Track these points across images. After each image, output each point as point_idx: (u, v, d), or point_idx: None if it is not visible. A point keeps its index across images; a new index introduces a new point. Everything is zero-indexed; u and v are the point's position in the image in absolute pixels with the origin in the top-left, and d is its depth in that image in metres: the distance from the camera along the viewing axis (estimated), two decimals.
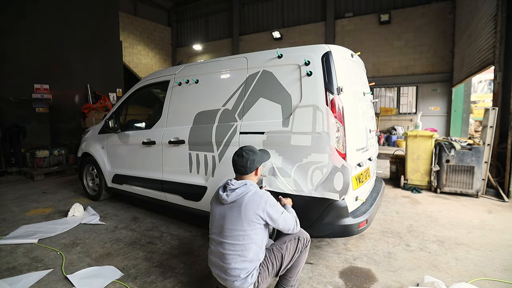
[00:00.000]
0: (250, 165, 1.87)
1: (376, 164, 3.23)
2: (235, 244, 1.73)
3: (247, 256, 1.73)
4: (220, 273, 1.79)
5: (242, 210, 1.73)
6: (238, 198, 1.77)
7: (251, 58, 2.68)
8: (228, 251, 1.74)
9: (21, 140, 6.67)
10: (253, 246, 1.75)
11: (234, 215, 1.75)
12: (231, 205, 1.78)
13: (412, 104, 10.71)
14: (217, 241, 1.81)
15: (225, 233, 1.76)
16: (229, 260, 1.74)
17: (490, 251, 2.70)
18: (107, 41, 8.84)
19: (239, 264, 1.72)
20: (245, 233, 1.73)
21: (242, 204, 1.74)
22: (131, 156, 3.68)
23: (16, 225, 3.44)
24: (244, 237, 1.73)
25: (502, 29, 4.83)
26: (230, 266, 1.73)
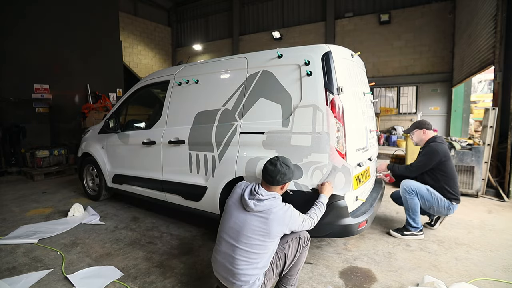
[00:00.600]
0: (280, 178, 1.83)
1: (376, 164, 3.23)
2: (249, 252, 1.71)
3: (259, 264, 1.73)
4: (226, 275, 1.76)
5: (268, 224, 1.72)
6: (265, 210, 1.74)
7: (251, 58, 2.68)
8: (240, 257, 1.71)
9: (21, 140, 6.67)
10: (267, 256, 1.75)
11: (256, 226, 1.72)
12: (255, 214, 1.74)
13: (412, 104, 10.72)
14: (229, 244, 1.76)
15: (241, 239, 1.72)
16: (240, 266, 1.70)
17: (490, 251, 2.70)
18: (107, 41, 8.84)
19: (250, 271, 1.70)
20: (264, 243, 1.72)
21: (268, 218, 1.72)
22: (131, 156, 3.68)
23: (16, 225, 3.44)
24: (261, 247, 1.72)
25: (502, 29, 4.83)
26: (240, 272, 1.70)
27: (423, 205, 2.99)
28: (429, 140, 3.09)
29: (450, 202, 2.94)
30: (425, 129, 3.12)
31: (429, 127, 3.14)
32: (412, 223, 2.97)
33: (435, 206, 2.95)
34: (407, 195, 2.97)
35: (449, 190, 2.94)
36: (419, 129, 3.15)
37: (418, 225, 2.97)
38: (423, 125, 3.14)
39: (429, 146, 3.01)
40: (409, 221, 2.98)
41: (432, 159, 2.93)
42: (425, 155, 2.99)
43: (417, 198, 2.95)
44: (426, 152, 3.00)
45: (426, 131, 3.12)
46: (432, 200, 2.94)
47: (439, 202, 2.94)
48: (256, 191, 1.80)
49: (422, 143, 3.16)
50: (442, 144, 3.00)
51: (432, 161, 2.94)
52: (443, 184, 2.95)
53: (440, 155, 2.92)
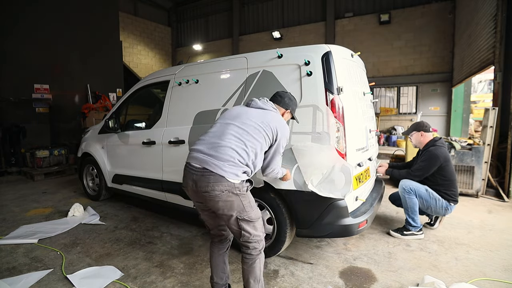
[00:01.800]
0: (287, 101, 1.98)
1: (376, 164, 3.23)
2: (243, 131, 1.72)
3: (248, 148, 1.70)
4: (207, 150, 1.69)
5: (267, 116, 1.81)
6: (266, 109, 1.87)
7: (251, 58, 2.68)
8: (232, 131, 1.72)
9: (21, 140, 6.66)
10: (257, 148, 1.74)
11: (256, 114, 1.81)
12: (256, 110, 1.86)
13: (412, 104, 10.72)
14: (222, 124, 1.80)
15: (239, 119, 1.78)
16: (227, 139, 1.69)
17: (490, 251, 2.70)
18: (107, 41, 8.83)
19: (237, 147, 1.68)
20: (259, 131, 1.75)
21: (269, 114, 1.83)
22: (131, 156, 3.68)
23: (16, 225, 3.44)
24: (256, 132, 1.74)
25: (502, 29, 4.83)
26: (227, 143, 1.67)
27: (421, 205, 2.99)
28: (428, 144, 3.07)
29: (448, 203, 2.96)
30: (423, 131, 3.10)
31: (427, 129, 3.12)
32: (411, 223, 2.97)
33: (433, 206, 2.97)
34: (406, 194, 2.97)
35: (448, 192, 2.96)
36: (417, 131, 3.13)
37: (417, 225, 2.97)
38: (420, 127, 3.12)
39: (428, 151, 2.98)
40: (409, 221, 2.98)
41: (432, 165, 2.92)
42: (426, 161, 2.96)
43: (416, 197, 2.96)
44: (427, 158, 2.96)
45: (424, 133, 3.10)
46: (430, 200, 2.96)
47: (437, 202, 2.95)
48: (261, 99, 1.94)
49: (421, 145, 3.15)
50: (442, 148, 2.97)
51: (432, 167, 2.92)
52: (442, 186, 2.97)
53: (440, 160, 2.91)
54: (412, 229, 2.99)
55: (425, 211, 3.09)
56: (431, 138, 3.10)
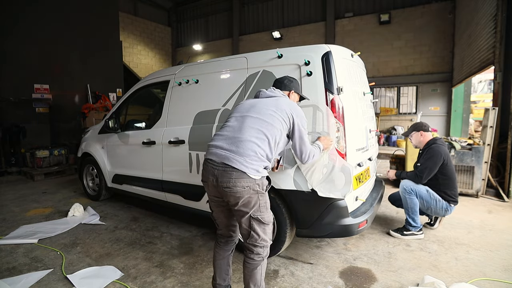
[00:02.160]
0: (287, 82, 2.02)
1: (376, 164, 3.23)
2: (260, 120, 1.71)
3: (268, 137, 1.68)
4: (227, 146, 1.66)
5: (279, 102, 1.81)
6: (276, 96, 1.89)
7: (251, 58, 2.68)
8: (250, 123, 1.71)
9: (21, 140, 6.67)
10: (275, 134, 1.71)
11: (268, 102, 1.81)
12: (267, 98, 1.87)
13: (412, 104, 10.72)
14: (238, 117, 1.78)
15: (254, 110, 1.77)
16: (247, 132, 1.68)
17: (490, 251, 2.70)
18: (107, 41, 8.84)
19: (257, 139, 1.66)
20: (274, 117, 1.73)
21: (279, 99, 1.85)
22: (131, 156, 3.68)
23: (16, 225, 3.44)
24: (272, 118, 1.73)
25: (502, 29, 4.83)
26: (247, 137, 1.66)
27: (422, 206, 3.00)
28: (429, 142, 3.07)
29: (448, 204, 2.96)
30: (423, 131, 3.11)
31: (426, 129, 3.13)
32: (412, 223, 2.97)
33: (433, 207, 2.97)
34: (406, 195, 2.97)
35: (448, 193, 2.96)
36: (416, 131, 3.14)
37: (417, 225, 2.98)
38: (420, 127, 3.13)
39: (431, 148, 2.98)
40: (409, 221, 2.98)
41: (436, 163, 2.92)
42: (429, 159, 2.95)
43: (416, 198, 2.96)
44: (430, 156, 2.95)
45: (423, 133, 3.11)
46: (431, 201, 2.96)
47: (437, 203, 2.96)
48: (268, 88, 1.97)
49: (421, 145, 3.16)
50: (443, 146, 2.99)
51: (437, 165, 2.92)
52: (443, 186, 2.97)
53: (443, 157, 2.92)
54: (412, 229, 2.99)
55: (425, 212, 3.09)
56: (430, 137, 3.11)
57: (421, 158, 3.10)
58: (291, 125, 1.80)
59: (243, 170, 1.60)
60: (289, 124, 1.79)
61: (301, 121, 1.82)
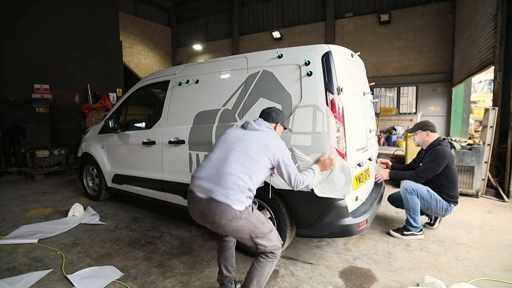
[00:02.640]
0: (275, 115, 2.03)
1: (376, 164, 3.23)
2: (245, 155, 1.73)
3: (251, 172, 1.71)
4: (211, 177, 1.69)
5: (266, 138, 1.84)
6: (262, 130, 1.89)
7: (251, 58, 2.68)
8: (233, 157, 1.72)
9: (21, 140, 6.66)
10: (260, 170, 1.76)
11: (255, 137, 1.83)
12: (253, 131, 1.88)
13: (412, 104, 10.71)
14: (223, 148, 1.81)
15: (240, 143, 1.79)
16: (232, 166, 1.69)
17: (490, 251, 2.70)
18: (107, 41, 8.83)
19: (240, 173, 1.68)
20: (255, 160, 1.75)
21: (267, 135, 1.86)
22: (131, 156, 3.68)
23: (16, 225, 3.44)
24: (258, 155, 1.76)
25: (502, 29, 4.83)
26: (230, 170, 1.68)
27: (422, 206, 2.99)
28: (434, 143, 3.04)
29: (449, 204, 2.96)
30: (429, 131, 3.06)
31: (433, 129, 3.07)
32: (412, 223, 2.97)
33: (433, 207, 2.97)
34: (407, 195, 2.96)
35: (449, 194, 2.97)
36: (422, 130, 3.09)
37: (418, 225, 2.98)
38: (427, 127, 3.07)
39: (436, 150, 2.95)
40: (410, 221, 2.98)
41: (441, 165, 2.90)
42: (434, 161, 2.92)
43: (417, 198, 2.95)
44: (435, 158, 2.92)
45: (430, 133, 3.06)
46: (431, 201, 2.96)
47: (438, 203, 2.96)
48: (256, 120, 1.97)
49: (424, 145, 3.12)
50: (448, 148, 2.98)
51: (440, 167, 2.90)
52: (445, 188, 2.97)
53: (448, 160, 2.91)
54: (412, 229, 2.98)
55: (425, 212, 3.09)
56: (435, 138, 3.08)
57: (424, 158, 3.06)
58: (275, 162, 1.84)
59: (227, 203, 1.63)
60: (274, 160, 1.83)
61: (285, 155, 1.87)
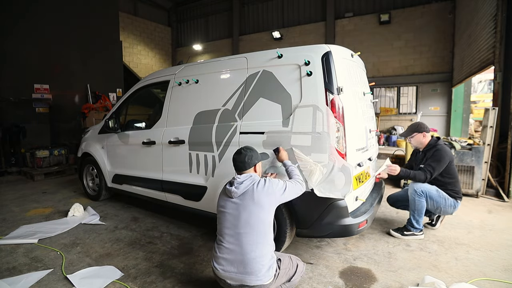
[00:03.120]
0: (248, 160, 2.00)
1: (376, 164, 3.23)
2: (252, 233, 1.80)
3: (265, 241, 1.82)
4: (237, 269, 1.79)
5: (255, 199, 1.84)
6: (247, 189, 1.88)
7: (251, 58, 2.68)
8: (247, 242, 1.78)
9: (21, 140, 6.67)
10: (269, 230, 1.87)
11: (247, 205, 1.84)
12: (241, 198, 1.87)
13: (412, 104, 10.71)
14: (232, 234, 1.84)
15: (241, 223, 1.82)
16: (249, 251, 1.77)
17: (490, 251, 2.70)
18: (107, 41, 8.83)
19: (259, 250, 1.78)
20: (261, 219, 1.83)
21: (254, 194, 1.85)
22: (131, 156, 3.68)
23: (16, 225, 3.44)
24: (260, 224, 1.82)
25: (502, 29, 4.83)
26: (251, 256, 1.76)
27: (431, 206, 2.99)
28: (432, 143, 3.06)
29: (455, 201, 2.99)
30: (425, 132, 3.07)
31: (428, 130, 3.11)
32: (415, 224, 2.97)
33: (442, 206, 2.98)
34: (416, 197, 2.94)
35: (455, 189, 3.00)
36: (418, 132, 3.08)
37: (420, 227, 2.98)
38: (423, 128, 3.09)
39: (438, 150, 2.96)
40: (412, 222, 2.98)
41: (443, 164, 2.92)
42: (437, 161, 2.93)
43: (425, 200, 2.94)
44: (438, 158, 2.93)
45: (426, 134, 3.08)
46: (441, 200, 2.96)
47: (446, 201, 2.97)
48: (234, 178, 1.96)
49: (422, 146, 3.12)
50: (446, 147, 3.03)
51: (443, 166, 2.93)
52: (450, 185, 3.00)
53: (449, 158, 2.95)
54: (413, 230, 2.99)
55: (434, 211, 3.08)
56: (430, 138, 3.12)
57: (427, 160, 3.02)
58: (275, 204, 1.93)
59: (260, 284, 1.76)
60: (274, 205, 1.92)
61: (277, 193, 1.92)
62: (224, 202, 1.94)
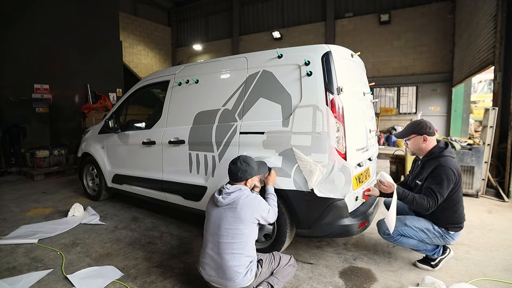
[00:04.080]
0: (241, 175, 2.01)
1: (376, 164, 3.23)
2: (231, 243, 1.86)
3: (243, 252, 1.87)
4: (217, 274, 1.88)
5: (237, 212, 1.89)
6: (233, 201, 1.92)
7: (251, 58, 2.68)
8: (225, 251, 1.86)
9: (21, 140, 6.66)
10: (249, 243, 1.91)
11: (230, 216, 1.90)
12: (226, 208, 1.92)
13: (412, 104, 10.72)
14: (213, 241, 1.92)
15: (221, 233, 1.89)
16: (227, 260, 1.83)
17: (490, 251, 2.70)
18: (107, 41, 8.83)
19: (237, 260, 1.84)
20: (241, 232, 1.87)
21: (237, 207, 1.90)
22: (131, 156, 3.68)
23: (16, 225, 3.44)
24: (240, 236, 1.87)
25: (502, 29, 4.83)
26: (228, 264, 1.83)
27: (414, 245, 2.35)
28: (434, 152, 2.27)
29: (446, 231, 2.27)
30: (426, 135, 2.29)
31: (431, 133, 2.30)
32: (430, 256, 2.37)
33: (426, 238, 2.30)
34: (390, 240, 2.36)
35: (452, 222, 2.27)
36: (417, 134, 2.33)
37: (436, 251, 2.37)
38: (423, 130, 2.30)
39: (439, 166, 2.18)
40: (427, 255, 2.39)
41: (448, 186, 2.15)
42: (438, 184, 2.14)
43: (403, 237, 2.32)
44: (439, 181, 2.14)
45: (427, 137, 2.29)
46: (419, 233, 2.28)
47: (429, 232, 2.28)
48: (223, 187, 2.00)
49: (421, 152, 2.37)
50: (454, 160, 2.24)
51: (448, 188, 2.16)
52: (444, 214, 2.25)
53: (456, 176, 2.17)
54: (436, 256, 2.36)
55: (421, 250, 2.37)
56: (435, 144, 2.31)
57: (428, 178, 2.24)
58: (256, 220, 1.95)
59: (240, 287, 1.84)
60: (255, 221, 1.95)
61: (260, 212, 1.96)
62: (210, 209, 2.00)
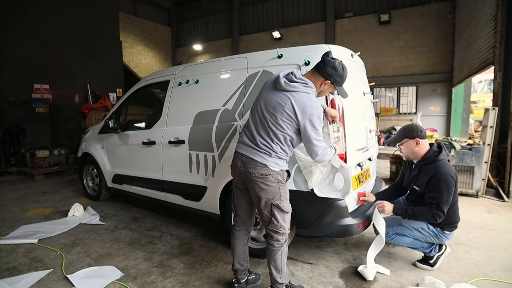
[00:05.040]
0: (330, 70, 1.82)
1: (376, 164, 3.23)
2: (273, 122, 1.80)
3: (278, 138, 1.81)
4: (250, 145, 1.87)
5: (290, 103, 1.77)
6: (292, 90, 1.79)
7: (251, 58, 2.68)
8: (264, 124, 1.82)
9: (21, 140, 6.67)
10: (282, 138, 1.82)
11: (281, 101, 1.79)
12: (283, 92, 1.81)
13: (412, 104, 10.72)
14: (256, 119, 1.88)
15: (267, 110, 1.83)
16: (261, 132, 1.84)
17: (490, 251, 2.70)
18: (107, 41, 8.84)
19: (269, 139, 1.82)
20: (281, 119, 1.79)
21: (292, 98, 1.77)
22: (131, 156, 3.68)
23: (16, 225, 3.44)
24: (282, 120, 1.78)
25: (502, 29, 4.83)
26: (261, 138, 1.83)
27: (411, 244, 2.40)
28: (429, 157, 2.30)
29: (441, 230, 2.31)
30: (419, 138, 2.31)
31: (423, 136, 2.33)
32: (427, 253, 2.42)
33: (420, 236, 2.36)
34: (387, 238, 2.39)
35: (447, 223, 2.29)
36: (409, 138, 2.34)
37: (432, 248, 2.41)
38: (415, 134, 2.33)
39: (437, 173, 2.20)
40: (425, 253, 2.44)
41: (449, 192, 2.16)
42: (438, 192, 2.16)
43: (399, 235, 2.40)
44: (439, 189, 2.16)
45: (419, 140, 2.31)
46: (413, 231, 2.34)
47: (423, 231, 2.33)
48: (292, 73, 1.85)
49: (415, 156, 2.38)
50: (450, 164, 2.29)
51: (451, 194, 2.17)
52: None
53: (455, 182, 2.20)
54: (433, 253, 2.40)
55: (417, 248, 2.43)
56: (428, 148, 2.35)
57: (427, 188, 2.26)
58: (299, 127, 1.81)
59: (265, 163, 1.82)
60: (297, 126, 1.81)
61: (309, 122, 1.77)
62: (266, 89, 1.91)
